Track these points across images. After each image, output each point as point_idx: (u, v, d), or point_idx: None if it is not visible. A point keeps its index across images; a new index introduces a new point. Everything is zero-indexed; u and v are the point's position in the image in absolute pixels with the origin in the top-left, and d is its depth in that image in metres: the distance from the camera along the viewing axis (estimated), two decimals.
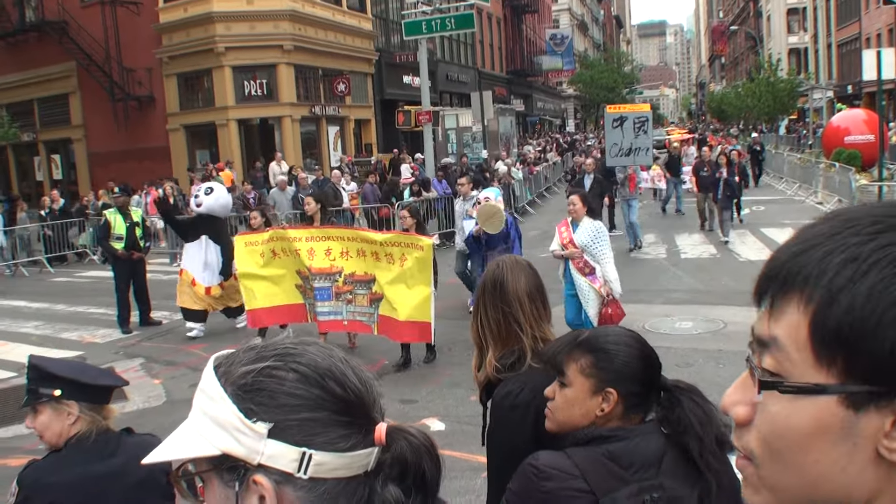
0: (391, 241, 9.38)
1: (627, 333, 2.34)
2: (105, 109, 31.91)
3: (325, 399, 1.13)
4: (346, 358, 1.20)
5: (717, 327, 10.78)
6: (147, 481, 2.76)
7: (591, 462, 2.12)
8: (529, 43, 65.46)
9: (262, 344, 1.20)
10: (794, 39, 76.51)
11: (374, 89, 37.63)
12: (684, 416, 2.12)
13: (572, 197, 9.40)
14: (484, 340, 2.99)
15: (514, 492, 2.26)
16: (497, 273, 3.00)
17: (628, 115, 18.50)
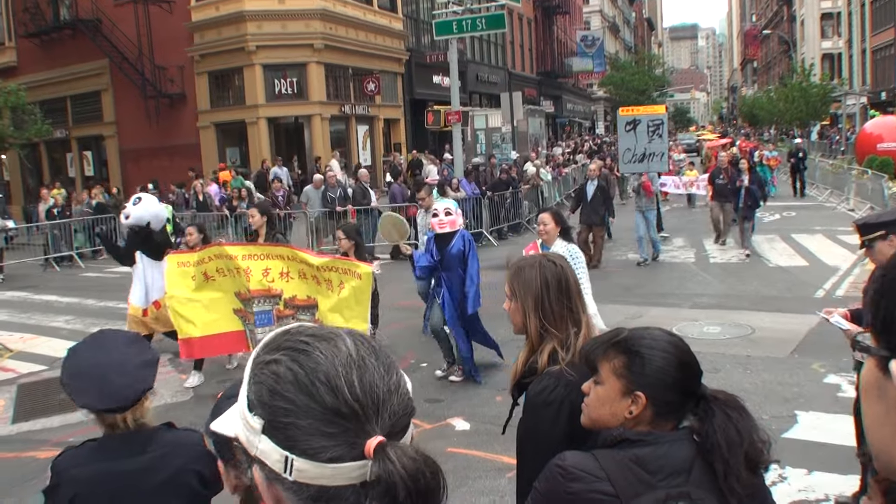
0: (328, 266, 8.30)
1: (667, 338, 2.28)
2: (137, 106, 32.18)
3: (310, 408, 1.08)
4: (365, 359, 1.13)
5: (746, 333, 10.69)
6: (173, 481, 2.72)
7: (618, 465, 2.10)
8: (560, 44, 65.24)
9: (294, 329, 1.18)
10: (827, 44, 75.79)
11: (404, 89, 37.68)
12: (712, 434, 2.08)
13: (543, 215, 7.90)
14: (544, 335, 2.98)
15: (539, 491, 2.27)
16: (556, 269, 3.04)
17: (642, 118, 17.05)
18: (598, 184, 16.68)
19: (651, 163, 16.77)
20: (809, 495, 5.95)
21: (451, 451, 7.06)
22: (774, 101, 65.68)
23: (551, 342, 2.95)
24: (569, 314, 2.99)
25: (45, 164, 37.78)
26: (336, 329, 1.17)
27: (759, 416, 7.41)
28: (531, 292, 3.01)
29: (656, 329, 2.34)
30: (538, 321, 2.98)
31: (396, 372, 1.15)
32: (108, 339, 2.89)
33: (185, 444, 2.82)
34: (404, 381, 1.16)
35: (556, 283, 3.00)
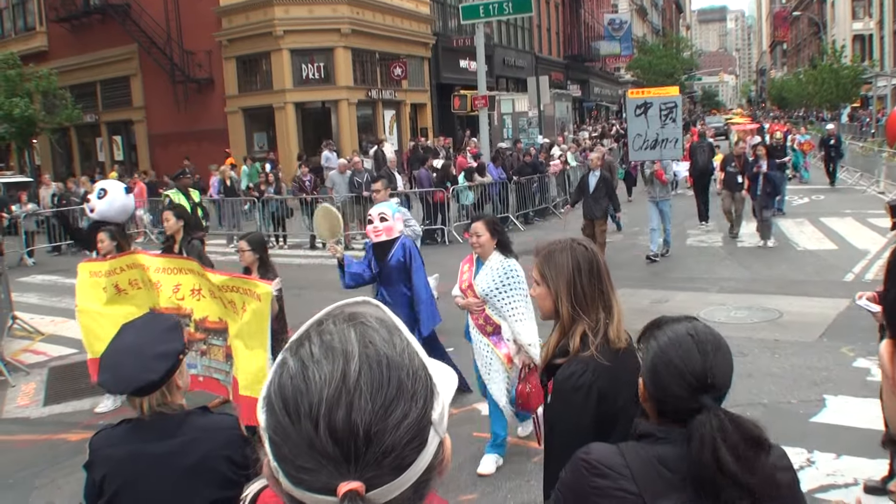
0: (227, 286, 6.87)
1: (686, 339, 2.15)
2: (165, 91, 32.40)
3: (292, 435, 1.03)
4: (362, 390, 1.02)
5: (774, 317, 10.63)
6: (202, 465, 2.74)
7: (643, 463, 2.10)
8: (587, 28, 64.85)
9: (325, 319, 1.13)
10: (858, 26, 74.78)
11: (431, 73, 37.65)
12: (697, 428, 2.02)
13: (475, 225, 6.60)
14: (576, 318, 2.99)
15: (564, 483, 2.28)
16: (587, 253, 3.05)
17: (653, 101, 15.57)
18: (601, 174, 15.33)
19: (664, 149, 15.36)
20: (838, 479, 5.93)
21: (476, 436, 7.09)
22: (804, 84, 65.02)
23: (582, 325, 2.96)
24: (600, 298, 3.00)
25: (76, 148, 38.13)
26: (359, 336, 1.08)
27: (788, 399, 7.42)
28: (563, 276, 3.01)
29: (692, 319, 2.25)
30: (570, 305, 2.99)
31: (405, 400, 1.04)
32: (150, 323, 2.93)
33: (217, 430, 2.84)
34: (415, 411, 1.05)
35: (588, 267, 3.01)
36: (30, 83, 29.26)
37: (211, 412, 2.95)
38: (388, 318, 1.16)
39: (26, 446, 7.43)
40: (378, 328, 1.10)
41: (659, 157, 15.36)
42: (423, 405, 1.07)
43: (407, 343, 1.12)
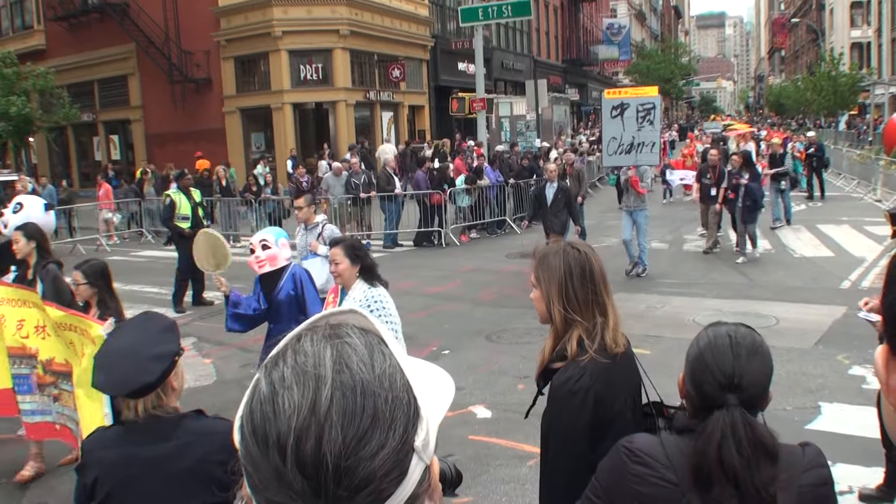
0: (65, 324, 5.85)
1: (724, 339, 2.25)
2: (163, 91, 32.38)
3: (261, 464, 0.97)
4: (333, 420, 0.94)
5: (769, 324, 10.62)
6: (195, 470, 2.70)
7: (682, 456, 2.14)
8: (586, 32, 64.92)
9: (303, 337, 1.04)
10: (857, 33, 74.91)
11: (429, 76, 37.67)
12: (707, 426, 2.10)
13: (333, 251, 5.80)
14: (569, 323, 2.98)
15: (603, 469, 2.32)
16: (580, 257, 3.03)
17: (630, 102, 14.42)
18: (560, 185, 14.35)
19: (640, 154, 14.30)
20: (842, 486, 5.93)
21: (472, 439, 7.08)
22: (802, 91, 65.11)
23: (578, 330, 2.94)
24: (594, 302, 2.98)
25: (73, 147, 38.09)
26: (335, 357, 1.00)
27: (783, 406, 7.41)
28: (555, 280, 3.00)
29: (738, 325, 2.36)
30: (562, 308, 2.97)
31: (381, 430, 0.97)
32: (146, 323, 2.90)
33: (212, 433, 2.78)
34: (393, 441, 0.97)
35: (580, 271, 2.99)
36: (27, 82, 29.21)
37: (206, 416, 2.91)
38: (373, 329, 1.09)
39: (19, 447, 7.39)
40: (358, 346, 1.02)
41: (634, 163, 14.31)
42: (404, 433, 0.99)
43: (390, 362, 1.03)
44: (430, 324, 11.53)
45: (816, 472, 2.18)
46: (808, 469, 2.17)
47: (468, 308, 12.25)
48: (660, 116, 14.74)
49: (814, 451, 2.24)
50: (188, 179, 14.09)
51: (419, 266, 16.31)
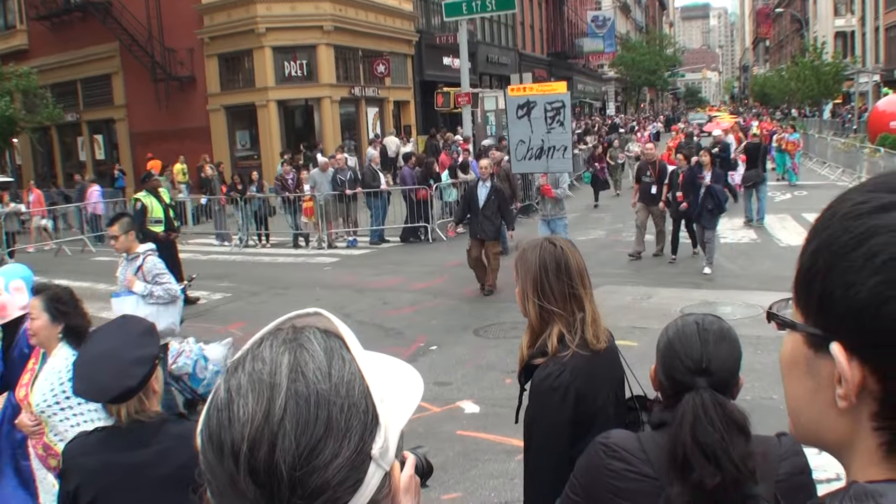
0: None
1: (692, 326, 2.28)
2: (147, 90, 32.21)
3: (218, 470, 0.97)
4: (286, 429, 0.94)
5: (756, 313, 10.63)
6: (176, 476, 2.64)
7: (660, 449, 2.15)
8: (571, 25, 64.94)
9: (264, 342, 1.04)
10: (840, 22, 75.15)
11: (414, 71, 37.60)
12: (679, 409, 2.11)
13: (31, 301, 4.35)
14: (546, 318, 2.97)
15: (580, 466, 2.33)
16: (555, 251, 3.01)
17: (537, 100, 12.75)
18: (493, 186, 13.02)
19: (551, 159, 12.76)
20: (820, 475, 5.89)
21: (460, 434, 7.08)
22: (786, 80, 65.31)
23: (557, 325, 2.94)
24: (571, 295, 2.97)
25: (57, 148, 37.90)
26: (291, 365, 0.99)
27: (770, 395, 7.43)
28: (530, 274, 3.00)
29: (709, 315, 2.39)
30: (537, 301, 2.97)
31: (335, 439, 0.97)
32: (123, 328, 2.87)
33: (192, 438, 2.73)
34: (348, 449, 0.97)
35: (555, 265, 2.98)
36: (10, 82, 29.03)
37: (187, 419, 2.89)
38: (336, 331, 1.09)
39: None
40: (317, 352, 1.01)
41: (545, 170, 12.85)
42: (360, 441, 0.99)
43: (349, 367, 1.03)
44: (418, 320, 11.53)
45: (793, 460, 2.20)
46: (784, 458, 2.19)
47: (455, 303, 12.25)
48: (570, 116, 13.17)
49: (790, 441, 2.25)
50: (156, 181, 13.84)
51: (406, 262, 16.30)
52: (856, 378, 0.85)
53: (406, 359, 8.47)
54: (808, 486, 2.23)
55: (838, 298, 0.85)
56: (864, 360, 0.84)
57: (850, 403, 0.86)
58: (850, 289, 0.84)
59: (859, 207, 0.86)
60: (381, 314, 11.92)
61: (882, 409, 0.85)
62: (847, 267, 0.84)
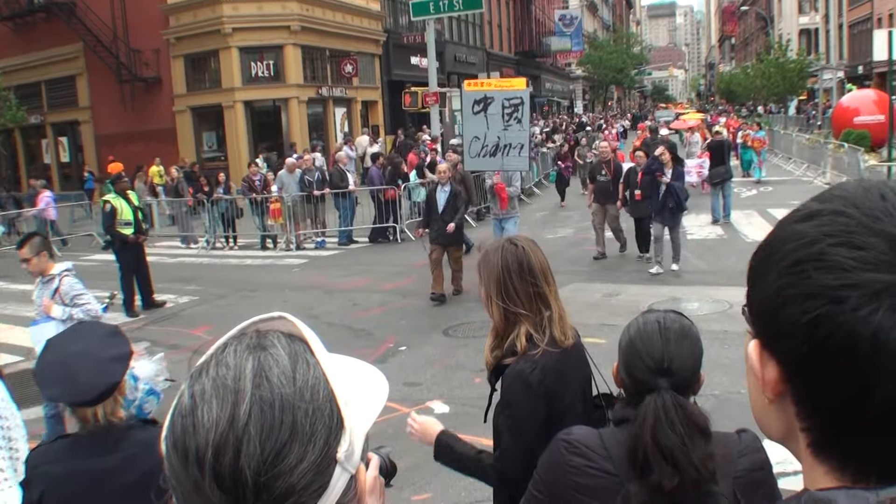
0: None
1: (654, 325, 2.28)
2: (112, 91, 31.93)
3: (182, 477, 0.97)
4: (251, 434, 0.94)
5: (723, 308, 10.73)
6: (142, 483, 2.54)
7: (620, 446, 2.15)
8: (538, 23, 65.11)
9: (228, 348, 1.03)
10: (805, 20, 75.93)
11: (382, 70, 37.52)
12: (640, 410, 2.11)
13: None
14: (511, 319, 2.96)
15: (542, 463, 2.33)
16: (517, 252, 2.99)
17: (495, 96, 12.32)
18: (452, 189, 12.55)
19: (507, 157, 12.25)
20: (787, 467, 5.96)
21: None
22: (752, 78, 65.88)
23: (525, 325, 2.93)
24: (536, 295, 2.96)
25: (21, 150, 37.46)
26: (255, 370, 0.98)
27: (738, 390, 7.48)
28: (493, 276, 2.98)
29: (671, 312, 2.38)
30: (501, 303, 2.95)
31: (301, 443, 0.96)
32: (86, 331, 2.84)
33: (158, 444, 2.70)
34: (313, 453, 0.97)
35: (518, 266, 2.96)
36: None
37: (154, 425, 2.86)
38: (300, 334, 1.08)
39: None
40: (281, 357, 1.01)
41: (500, 168, 12.42)
42: (325, 445, 0.99)
43: (313, 371, 1.02)
44: (387, 320, 11.52)
45: (751, 457, 2.21)
46: (743, 454, 2.20)
47: (424, 303, 12.22)
48: (528, 113, 12.71)
49: (750, 437, 2.27)
50: (125, 183, 13.74)
51: (374, 262, 16.27)
52: (770, 376, 0.89)
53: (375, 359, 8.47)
54: (767, 481, 2.22)
55: (753, 299, 0.91)
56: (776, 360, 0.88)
57: (771, 401, 0.90)
58: (759, 291, 0.90)
59: (793, 214, 0.90)
60: (351, 315, 11.89)
61: (799, 410, 0.88)
62: (764, 269, 0.89)
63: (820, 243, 0.83)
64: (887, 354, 0.77)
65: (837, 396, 0.82)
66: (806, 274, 0.83)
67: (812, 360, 0.83)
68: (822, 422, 0.86)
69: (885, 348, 0.77)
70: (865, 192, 0.85)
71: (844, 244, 0.81)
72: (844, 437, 0.84)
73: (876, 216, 0.82)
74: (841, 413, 0.83)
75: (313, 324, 1.10)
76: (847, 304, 0.79)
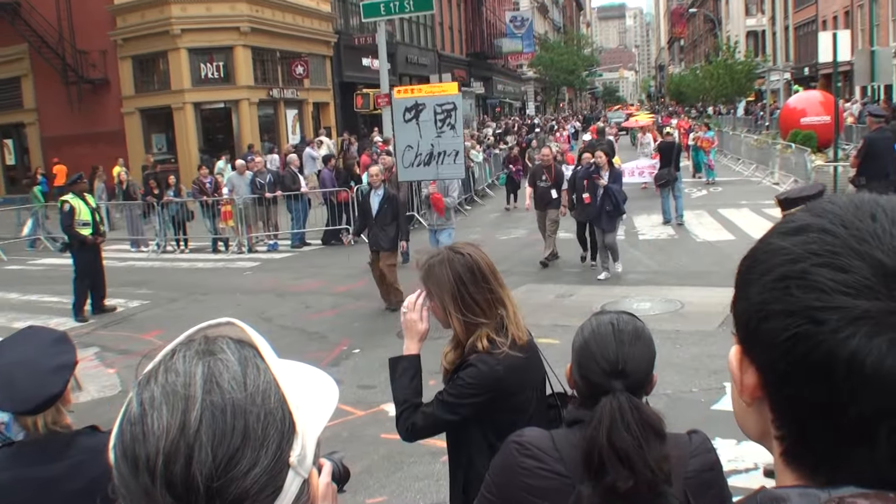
0: None
1: (607, 327, 2.29)
2: (58, 92, 31.41)
3: (132, 487, 0.95)
4: (202, 440, 0.93)
5: (675, 308, 10.83)
6: (90, 489, 2.51)
7: (572, 448, 2.16)
8: (489, 25, 65.29)
9: (176, 354, 1.02)
10: (752, 22, 77.06)
11: (333, 72, 37.39)
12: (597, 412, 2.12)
13: None
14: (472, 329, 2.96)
15: (495, 464, 2.33)
16: (465, 260, 2.99)
17: (426, 102, 11.85)
18: (386, 193, 11.93)
19: (442, 165, 11.86)
20: (739, 465, 6.06)
21: (384, 437, 7.01)
22: (701, 79, 66.64)
23: (484, 329, 2.95)
24: (493, 300, 2.98)
25: None
26: (205, 376, 0.97)
27: (690, 388, 7.55)
28: (447, 290, 2.97)
29: (625, 313, 2.39)
30: (461, 316, 2.96)
31: (253, 448, 0.95)
32: (33, 337, 2.77)
33: (106, 451, 2.65)
34: (266, 458, 0.96)
35: (471, 275, 2.97)
36: None
37: (101, 432, 2.80)
38: (249, 340, 1.07)
39: None
40: (231, 362, 0.99)
41: (435, 177, 12.07)
42: (277, 449, 0.98)
43: (264, 376, 1.01)
44: (340, 323, 11.46)
45: (702, 457, 2.24)
46: (694, 455, 2.23)
47: (378, 305, 12.16)
48: (462, 119, 12.28)
49: (700, 438, 2.30)
50: (83, 184, 13.61)
51: (327, 265, 16.19)
52: (748, 381, 0.91)
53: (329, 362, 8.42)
54: (717, 482, 2.26)
55: (738, 307, 0.92)
56: (755, 367, 0.90)
57: (749, 405, 0.93)
58: (743, 300, 0.91)
59: (783, 225, 0.89)
60: (304, 318, 11.82)
61: (774, 418, 0.90)
62: (749, 279, 0.90)
63: (804, 262, 0.83)
64: (862, 377, 0.79)
65: (811, 411, 0.83)
66: (789, 291, 0.83)
67: (789, 375, 0.84)
68: (795, 432, 0.87)
69: (860, 371, 0.78)
70: (857, 209, 0.85)
71: (828, 265, 0.82)
72: (816, 448, 0.86)
73: (863, 238, 0.82)
74: (814, 426, 0.84)
75: (266, 327, 1.08)
76: (826, 325, 0.80)
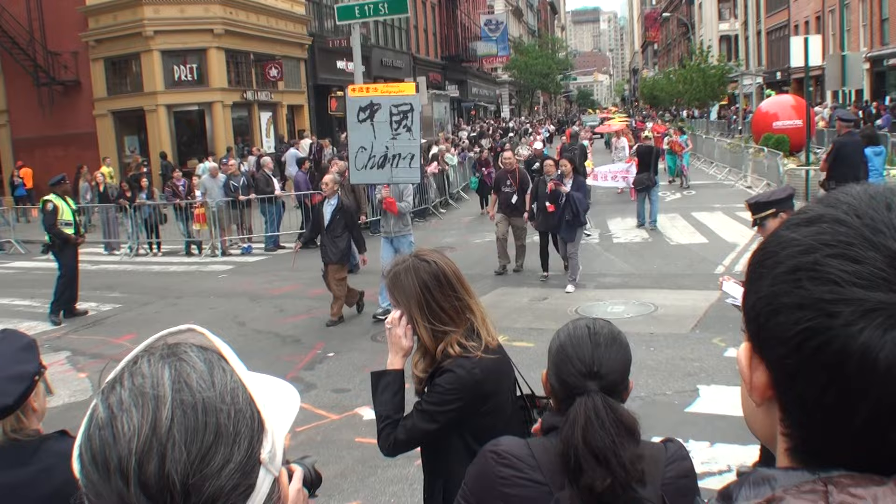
0: None
1: (583, 330, 2.30)
2: (29, 94, 31.11)
3: (104, 492, 0.94)
4: (175, 439, 0.92)
5: (649, 311, 10.87)
6: (59, 494, 2.45)
7: (549, 455, 2.16)
8: (464, 28, 65.35)
9: (139, 359, 1.02)
10: (724, 26, 77.61)
11: (307, 74, 37.28)
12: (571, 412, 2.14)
13: None
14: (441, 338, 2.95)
15: (471, 474, 2.33)
16: (431, 268, 2.98)
17: (382, 102, 11.08)
18: (339, 203, 11.52)
19: (396, 169, 11.07)
20: (712, 467, 6.08)
21: (359, 441, 7.00)
22: (674, 83, 67.06)
23: (454, 335, 2.94)
24: (461, 307, 2.98)
25: None
26: (173, 377, 0.97)
27: (663, 391, 7.57)
28: (413, 298, 2.96)
29: (589, 320, 2.40)
30: (428, 324, 2.94)
31: (226, 445, 0.96)
32: (1, 343, 2.73)
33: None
34: (239, 455, 0.96)
35: (437, 282, 2.96)
36: None
37: (70, 436, 2.76)
38: (212, 345, 1.07)
39: None
40: (197, 363, 1.00)
41: (389, 181, 11.26)
42: (249, 446, 0.98)
43: (230, 377, 1.02)
44: (315, 326, 11.41)
45: (678, 465, 2.26)
46: (670, 463, 2.25)
47: (352, 309, 12.12)
48: (419, 121, 11.67)
49: (676, 446, 2.33)
50: (66, 185, 13.59)
51: (302, 268, 16.07)
52: (758, 381, 0.88)
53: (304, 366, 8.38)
54: (692, 488, 2.28)
55: (748, 301, 0.89)
56: (765, 366, 0.87)
57: (758, 405, 0.90)
58: (753, 294, 0.88)
59: (795, 217, 0.87)
60: (278, 322, 11.75)
61: (784, 415, 0.87)
62: (760, 272, 0.87)
63: (816, 253, 0.81)
64: (874, 373, 0.77)
65: (821, 408, 0.81)
66: (800, 283, 0.81)
67: (799, 370, 0.82)
68: (803, 430, 0.86)
69: (872, 366, 0.76)
70: (871, 199, 0.83)
71: (840, 256, 0.79)
72: (824, 447, 0.84)
73: (878, 228, 0.80)
74: (823, 424, 0.82)
75: (240, 331, 1.08)
76: (839, 318, 0.78)
